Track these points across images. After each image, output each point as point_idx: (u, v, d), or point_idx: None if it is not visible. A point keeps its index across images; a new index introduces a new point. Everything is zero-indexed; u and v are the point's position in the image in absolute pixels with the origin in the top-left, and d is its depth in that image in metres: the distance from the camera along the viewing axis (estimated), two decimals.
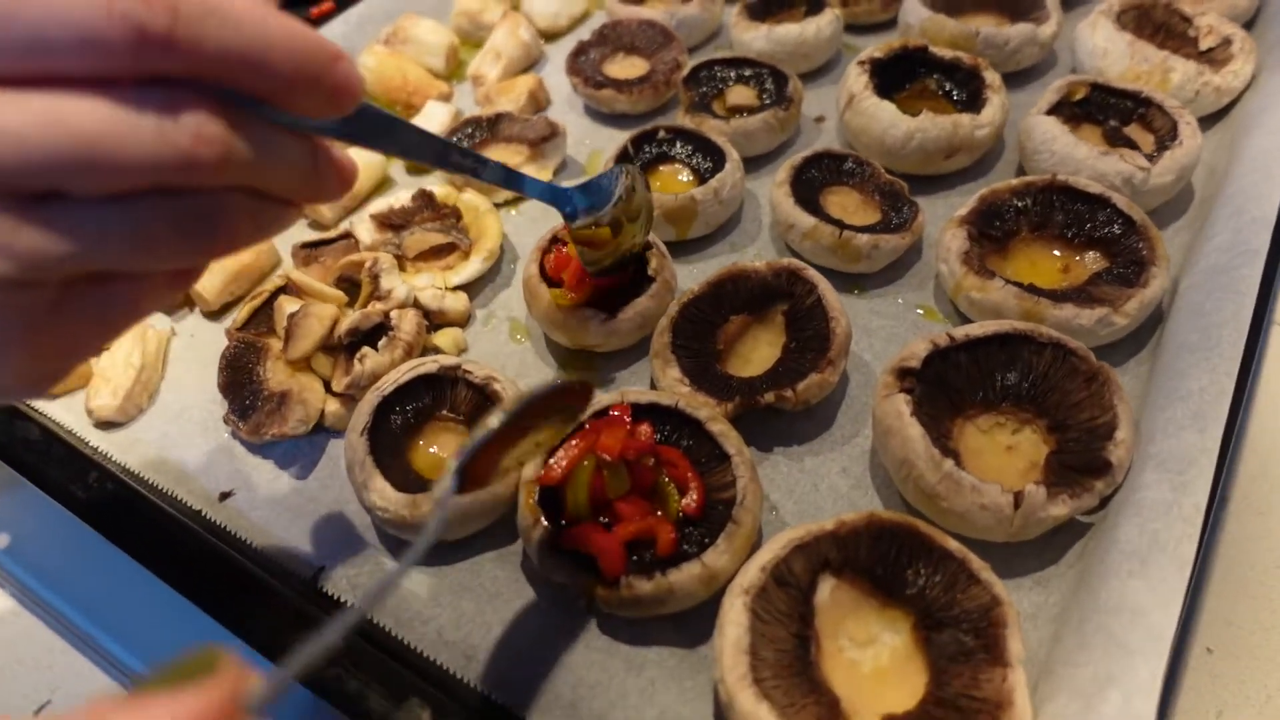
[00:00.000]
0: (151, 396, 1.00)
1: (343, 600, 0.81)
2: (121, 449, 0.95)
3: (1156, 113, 1.10)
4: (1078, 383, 0.84)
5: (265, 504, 0.89)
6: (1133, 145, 1.07)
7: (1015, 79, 1.28)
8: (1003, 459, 0.84)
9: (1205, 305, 0.88)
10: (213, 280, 1.06)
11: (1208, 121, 1.17)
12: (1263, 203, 0.95)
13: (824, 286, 0.91)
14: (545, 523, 0.77)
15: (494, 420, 0.64)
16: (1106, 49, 1.18)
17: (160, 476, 0.92)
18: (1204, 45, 1.19)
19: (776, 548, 0.74)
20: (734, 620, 0.69)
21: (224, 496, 0.90)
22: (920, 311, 1.01)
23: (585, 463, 0.78)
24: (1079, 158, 1.04)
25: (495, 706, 0.73)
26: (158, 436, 0.96)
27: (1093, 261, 0.98)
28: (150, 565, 0.81)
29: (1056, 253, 1.00)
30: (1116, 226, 0.97)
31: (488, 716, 0.73)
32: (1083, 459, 0.79)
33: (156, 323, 1.08)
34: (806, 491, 0.86)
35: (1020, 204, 1.02)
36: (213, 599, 0.78)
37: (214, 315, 1.09)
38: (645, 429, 0.79)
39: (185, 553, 0.82)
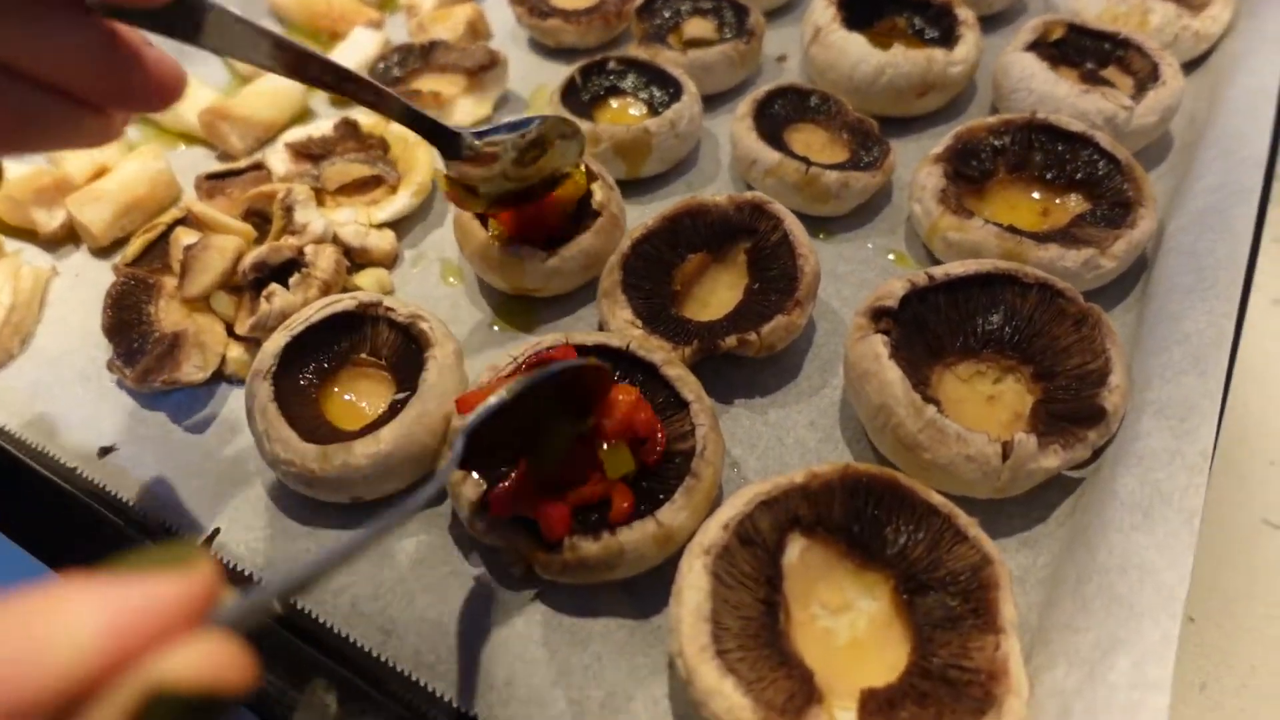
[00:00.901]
0: (24, 341, 0.88)
1: (239, 569, 0.70)
2: None
3: (1135, 55, 1.04)
4: (1065, 326, 0.76)
5: (153, 461, 0.77)
6: (1111, 85, 1.01)
7: (988, 23, 1.21)
8: (984, 410, 0.77)
9: (1197, 246, 0.81)
10: (101, 213, 0.93)
11: (1186, 69, 1.11)
12: (1252, 143, 0.89)
13: (790, 221, 0.83)
14: (476, 476, 0.67)
15: (507, 390, 0.59)
16: None
17: (29, 431, 0.80)
18: None
19: (740, 504, 0.65)
20: (693, 584, 0.60)
21: (104, 452, 0.78)
22: (891, 257, 0.93)
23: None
24: (1059, 96, 0.97)
25: (415, 688, 0.63)
26: (28, 385, 0.84)
27: (1074, 204, 0.91)
28: (9, 533, 0.69)
29: (1036, 195, 0.93)
30: (1100, 167, 0.91)
31: (406, 700, 0.63)
32: (1074, 407, 0.72)
33: (35, 259, 0.95)
34: (770, 446, 0.78)
35: (998, 143, 0.94)
36: (85, 571, 0.66)
37: (103, 253, 0.96)
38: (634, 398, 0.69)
39: (53, 518, 0.71)
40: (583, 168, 0.87)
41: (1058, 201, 0.92)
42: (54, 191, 0.94)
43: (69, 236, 0.97)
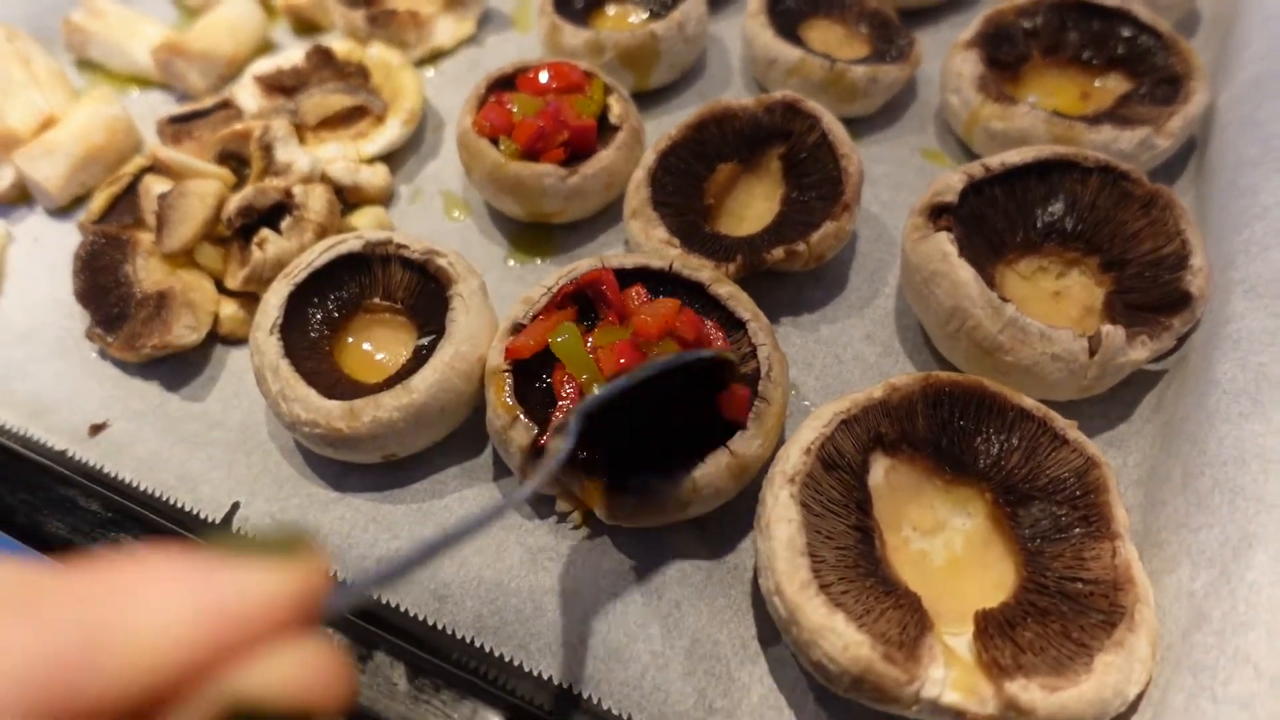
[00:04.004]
0: None
1: None
2: None
3: None
4: (1133, 210, 0.71)
5: (153, 435, 0.70)
6: None
7: None
8: (1051, 308, 0.71)
9: (1258, 115, 0.76)
10: (55, 168, 0.83)
11: None
12: None
13: (828, 120, 0.76)
14: (526, 419, 0.60)
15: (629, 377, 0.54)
16: None
17: (7, 413, 0.71)
18: None
19: (819, 425, 0.59)
20: (782, 516, 0.55)
21: (96, 430, 0.70)
22: (925, 155, 0.87)
23: (566, 338, 0.61)
24: None
25: (484, 655, 0.57)
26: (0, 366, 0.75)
27: (1115, 84, 0.86)
28: (4, 528, 0.62)
29: (1073, 78, 0.87)
30: (1140, 42, 0.85)
31: (474, 668, 0.57)
32: (1153, 295, 0.67)
33: None
34: (828, 364, 0.72)
35: (1029, 25, 0.88)
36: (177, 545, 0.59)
37: (62, 212, 0.86)
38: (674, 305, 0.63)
39: (50, 506, 0.63)
40: (598, 82, 0.80)
41: (1097, 84, 0.86)
42: None
43: (20, 196, 0.87)
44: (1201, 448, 0.59)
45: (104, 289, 0.74)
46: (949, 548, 0.59)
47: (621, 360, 0.60)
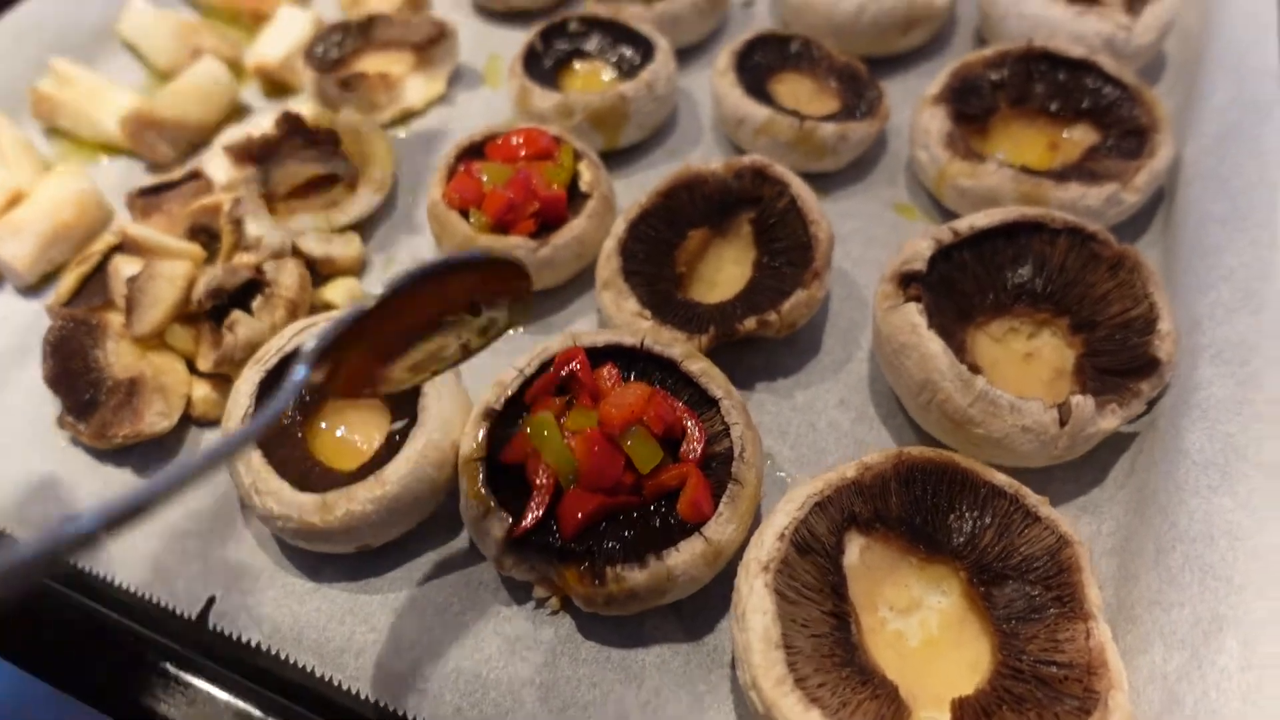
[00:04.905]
0: None
1: (242, 638, 0.63)
2: None
3: None
4: (1101, 272, 0.72)
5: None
6: (1098, 3, 0.96)
7: None
8: (1023, 370, 0.72)
9: (1223, 170, 0.77)
10: (23, 247, 0.82)
11: None
12: (1260, 52, 0.85)
13: (797, 185, 0.76)
14: (500, 510, 0.60)
15: (374, 297, 0.51)
16: None
17: None
18: None
19: (792, 509, 0.59)
20: (757, 607, 0.55)
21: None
22: (896, 209, 0.87)
23: (545, 432, 0.61)
24: (1054, 19, 0.91)
25: None
26: None
27: (1083, 135, 0.86)
28: None
29: (1041, 129, 0.88)
30: (1106, 94, 0.85)
31: None
32: (1122, 359, 0.68)
33: None
34: (803, 432, 0.72)
35: (996, 76, 0.88)
36: (62, 666, 0.59)
37: (32, 291, 0.86)
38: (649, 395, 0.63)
39: (19, 609, 0.63)
40: (568, 148, 0.80)
41: (1065, 134, 0.87)
42: None
43: None
44: (1172, 521, 0.59)
45: (74, 374, 0.74)
46: (925, 627, 0.59)
47: (595, 451, 0.60)
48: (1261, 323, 0.65)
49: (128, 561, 0.67)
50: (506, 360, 0.77)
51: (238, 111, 1.00)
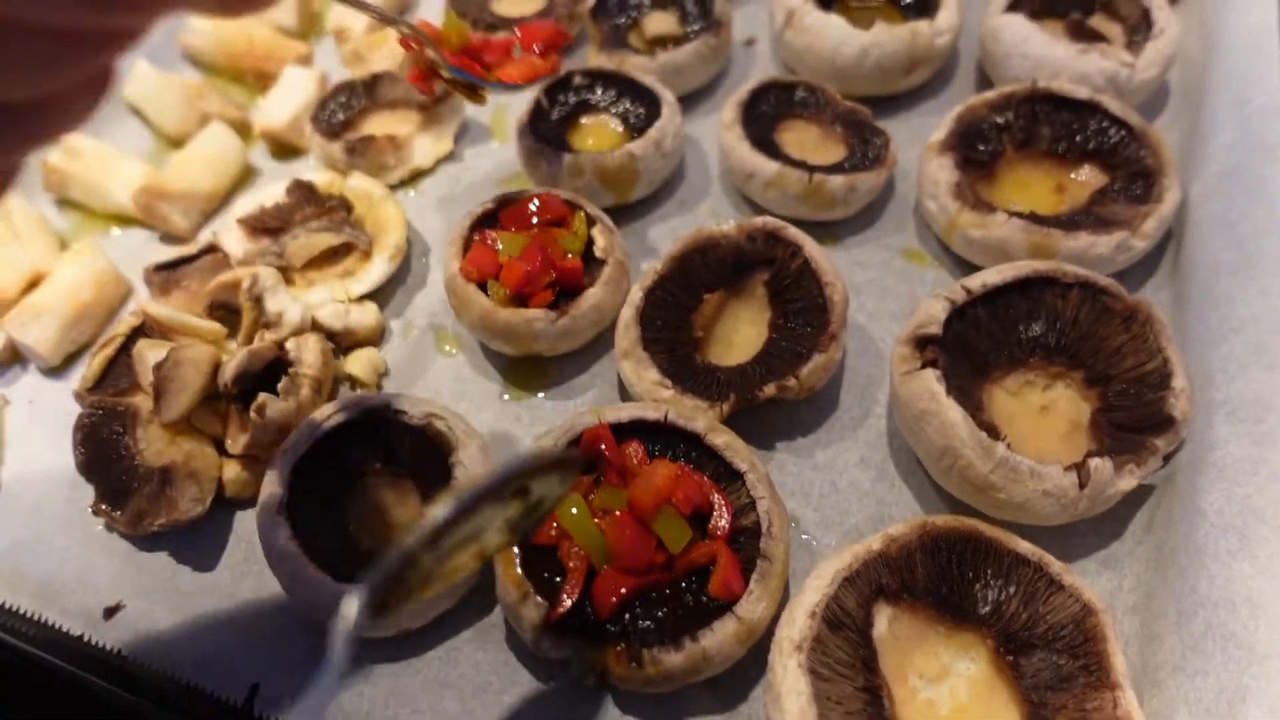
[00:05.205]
0: None
1: None
2: None
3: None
4: (1113, 326, 0.73)
5: (166, 614, 0.71)
6: (1101, 37, 0.96)
7: None
8: (1039, 423, 0.73)
9: (1230, 215, 0.78)
10: (45, 331, 0.83)
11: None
12: (1264, 88, 0.85)
13: (810, 247, 0.77)
14: (537, 596, 0.62)
15: (418, 533, 0.46)
16: None
17: (20, 598, 0.72)
18: None
19: (822, 585, 0.61)
20: (792, 688, 0.56)
21: (110, 612, 0.71)
22: (906, 257, 0.88)
23: (576, 515, 0.63)
24: (1056, 59, 0.91)
25: None
26: (8, 546, 0.76)
27: (1089, 175, 0.87)
28: None
29: (1048, 171, 0.89)
30: (1111, 135, 0.86)
31: None
32: (1137, 415, 0.69)
33: None
34: (826, 493, 0.74)
35: (1001, 119, 0.89)
36: None
37: (56, 372, 0.87)
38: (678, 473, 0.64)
39: (71, 697, 0.64)
40: (581, 215, 0.81)
41: (1072, 176, 0.88)
42: None
43: (12, 357, 0.87)
44: (1193, 585, 0.60)
45: (106, 462, 0.75)
46: (955, 695, 0.61)
47: (627, 534, 0.62)
48: (1275, 379, 0.66)
49: (169, 651, 0.68)
50: (529, 430, 0.79)
51: (247, 174, 1.01)
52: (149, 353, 0.77)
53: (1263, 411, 0.65)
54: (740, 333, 0.80)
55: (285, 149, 1.02)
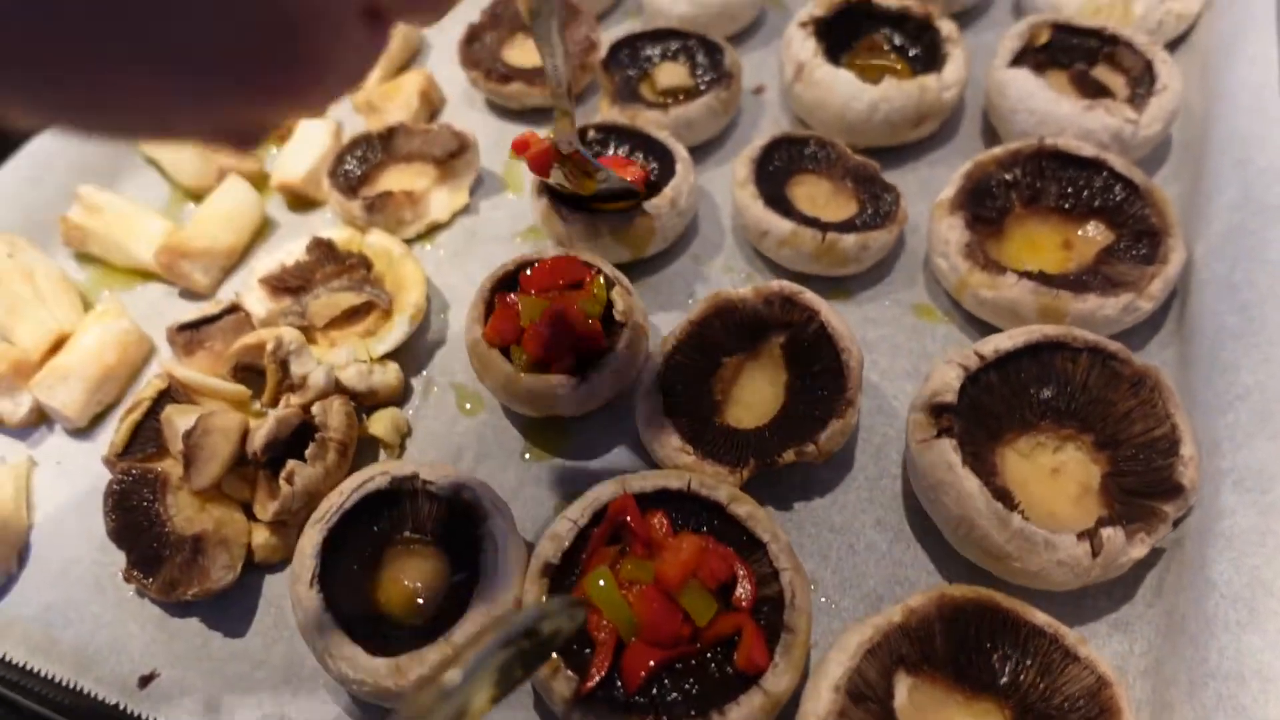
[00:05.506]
0: (20, 555, 0.80)
1: None
2: None
3: (1125, 51, 1.00)
4: (1122, 390, 0.75)
5: (200, 681, 0.72)
6: (1105, 89, 0.98)
7: (957, 20, 1.16)
8: (1051, 485, 0.75)
9: (1234, 278, 0.80)
10: (72, 394, 0.84)
11: (1168, 48, 1.08)
12: (1266, 148, 0.87)
13: (826, 311, 0.79)
14: (567, 670, 0.63)
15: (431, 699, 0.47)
16: None
17: (55, 665, 0.73)
18: None
19: (844, 658, 0.62)
20: None
21: (145, 681, 0.73)
22: (917, 313, 0.90)
23: (603, 588, 0.64)
24: (1062, 115, 0.93)
25: None
26: (40, 611, 0.77)
27: (1096, 232, 0.89)
28: None
29: (1055, 227, 0.90)
30: (1117, 192, 0.88)
31: None
32: (1146, 481, 0.71)
33: (9, 454, 0.86)
34: (843, 555, 0.75)
35: (1009, 176, 0.91)
36: None
37: (82, 433, 0.88)
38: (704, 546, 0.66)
39: None
40: (600, 279, 0.82)
41: (1079, 232, 0.90)
42: (13, 376, 0.85)
43: (39, 419, 0.88)
44: (1204, 654, 0.62)
45: (138, 529, 0.76)
46: None
47: (654, 608, 0.63)
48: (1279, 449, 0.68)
49: (196, 711, 0.70)
50: (550, 492, 0.81)
51: (265, 227, 1.02)
52: (178, 419, 0.78)
53: (1268, 482, 0.67)
54: (758, 394, 0.82)
55: (302, 201, 1.03)
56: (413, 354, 0.91)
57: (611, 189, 0.86)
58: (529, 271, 0.84)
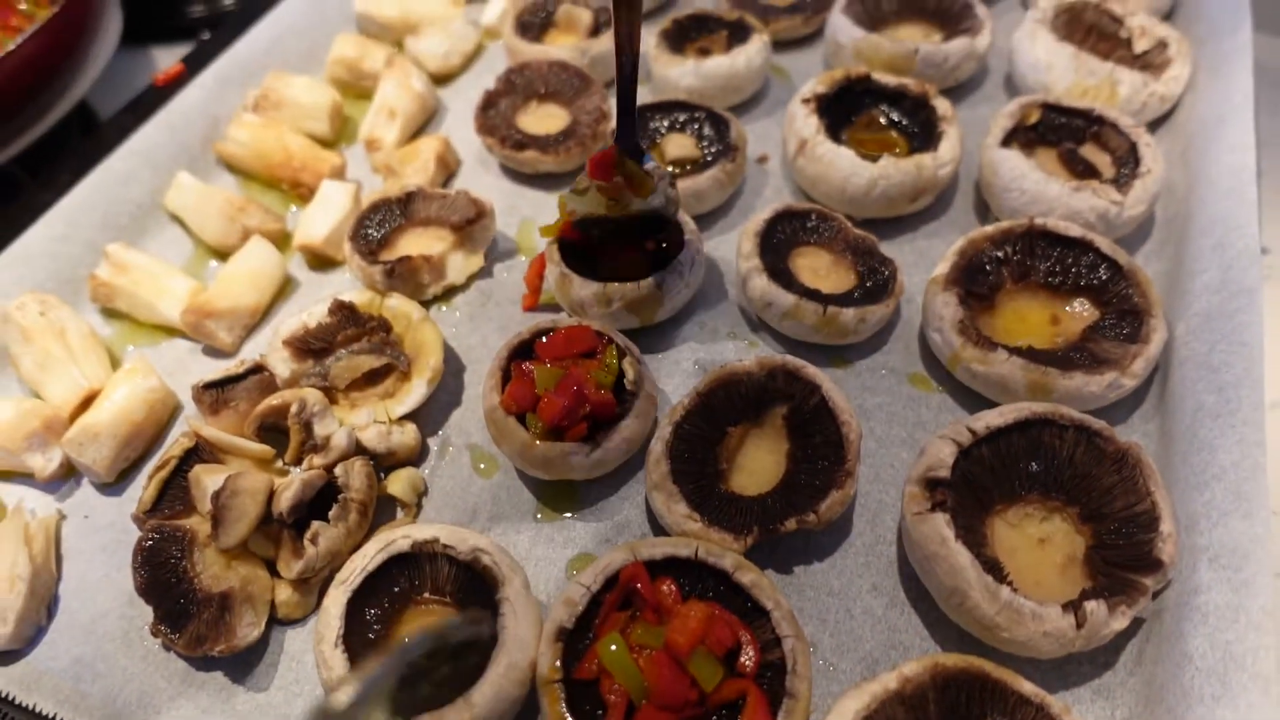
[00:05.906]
0: (49, 607, 0.83)
1: None
2: (24, 687, 0.78)
3: (1111, 132, 1.06)
4: (1105, 466, 0.79)
5: None
6: (1093, 168, 1.04)
7: (951, 94, 1.21)
8: (1037, 554, 0.79)
9: (1212, 359, 0.84)
10: (102, 451, 0.88)
11: (1151, 127, 1.14)
12: (1244, 233, 0.92)
13: (827, 386, 0.83)
14: None
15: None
16: (1050, 62, 1.13)
17: (82, 717, 0.76)
18: (1138, 48, 1.16)
19: None
20: None
21: None
22: (912, 383, 0.94)
23: (615, 654, 0.68)
24: (1051, 196, 0.98)
25: None
26: (69, 664, 0.80)
27: (1082, 309, 0.94)
28: None
29: (1044, 303, 0.95)
30: (1102, 272, 0.93)
31: None
32: (1128, 554, 0.75)
33: (38, 507, 0.89)
34: (841, 619, 0.79)
35: (1000, 254, 0.96)
36: None
37: (109, 487, 0.91)
38: (711, 614, 0.70)
39: None
40: (613, 348, 0.86)
41: (1066, 308, 0.94)
42: (45, 432, 0.89)
43: (67, 473, 0.91)
44: None
45: (166, 585, 0.79)
46: None
47: (664, 674, 0.67)
48: (1253, 528, 0.72)
49: None
50: (561, 553, 0.84)
51: (287, 285, 1.06)
52: (206, 479, 0.82)
53: (1241, 560, 0.71)
54: (760, 461, 0.86)
55: (322, 260, 1.07)
56: (429, 415, 0.94)
57: (648, 207, 0.90)
58: (544, 340, 0.88)
